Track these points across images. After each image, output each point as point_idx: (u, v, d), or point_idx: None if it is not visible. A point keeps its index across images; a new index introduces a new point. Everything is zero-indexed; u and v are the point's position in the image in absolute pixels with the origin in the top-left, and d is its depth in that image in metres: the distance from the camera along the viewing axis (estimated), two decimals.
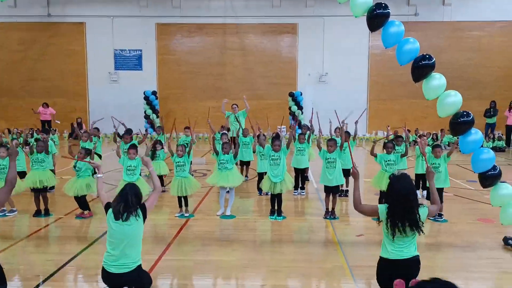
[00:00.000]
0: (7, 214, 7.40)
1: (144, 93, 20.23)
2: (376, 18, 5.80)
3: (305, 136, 8.94)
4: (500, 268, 5.19)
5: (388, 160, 7.46)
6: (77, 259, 5.39)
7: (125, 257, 4.17)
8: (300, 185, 9.03)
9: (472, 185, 9.71)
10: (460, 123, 5.65)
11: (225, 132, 10.23)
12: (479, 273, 5.01)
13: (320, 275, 4.89)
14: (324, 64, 20.70)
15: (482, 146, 5.84)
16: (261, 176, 8.76)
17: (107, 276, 4.22)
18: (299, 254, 5.62)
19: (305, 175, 9.57)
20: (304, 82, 20.89)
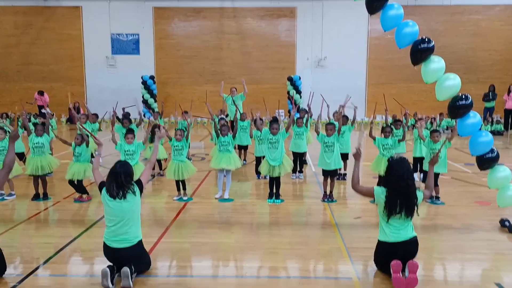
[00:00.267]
0: (5, 198, 7.41)
1: (141, 77, 20.13)
2: (375, 1, 5.74)
3: (303, 120, 8.94)
4: (496, 250, 5.24)
5: (386, 144, 7.48)
6: (76, 242, 5.42)
7: (125, 232, 4.26)
8: (298, 168, 9.04)
9: (469, 168, 9.75)
10: (458, 107, 5.64)
11: (223, 117, 10.22)
12: (475, 254, 5.06)
13: (318, 257, 4.93)
14: (322, 48, 20.59)
15: (481, 129, 5.85)
16: (259, 160, 8.78)
17: (109, 251, 4.29)
18: (296, 236, 5.66)
19: (303, 159, 9.59)
20: (302, 67, 20.81)
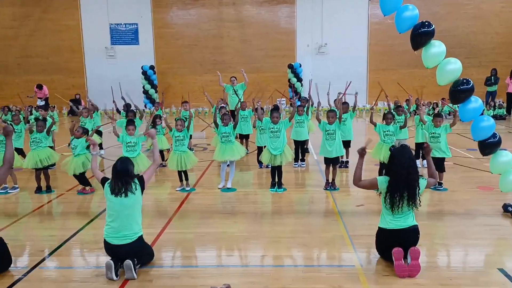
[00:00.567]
0: (9, 191, 7.44)
1: (141, 67, 20.04)
2: None
3: (304, 108, 8.90)
4: (499, 235, 5.25)
5: (387, 131, 7.46)
6: (79, 234, 5.45)
7: (125, 228, 4.27)
8: (300, 157, 9.04)
9: (471, 153, 9.73)
10: (460, 91, 5.61)
11: (223, 106, 10.19)
12: (478, 240, 5.06)
13: (321, 245, 4.94)
14: (323, 34, 20.42)
15: (483, 114, 5.82)
16: (260, 149, 8.77)
17: (110, 247, 4.30)
18: (299, 225, 5.67)
19: (305, 147, 9.57)
20: (303, 54, 20.66)
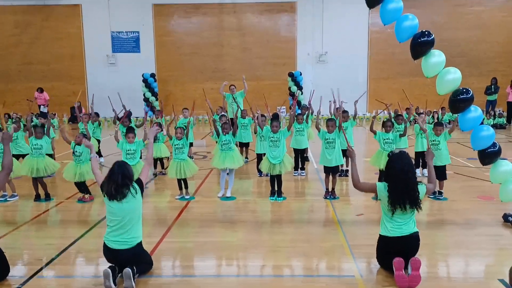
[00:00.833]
0: (8, 199, 7.42)
1: (142, 75, 20.09)
2: None
3: (303, 117, 8.91)
4: (500, 245, 5.22)
5: (387, 139, 7.45)
6: (78, 243, 5.42)
7: (125, 233, 4.27)
8: (300, 165, 9.02)
9: (472, 162, 9.71)
10: (459, 101, 5.60)
11: (224, 114, 10.20)
12: (479, 249, 5.04)
13: (320, 255, 4.92)
14: (323, 43, 20.49)
15: (483, 123, 5.81)
16: (259, 157, 8.77)
17: (109, 252, 4.29)
18: (299, 234, 5.64)
19: (304, 155, 9.56)
20: (303, 62, 20.71)
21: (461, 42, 19.69)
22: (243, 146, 10.19)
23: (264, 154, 7.65)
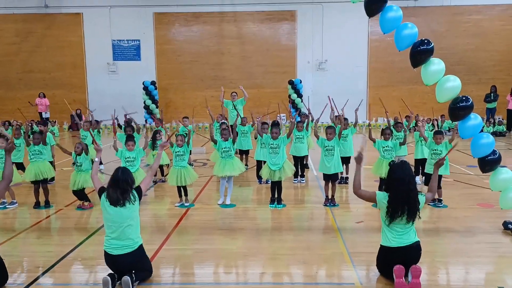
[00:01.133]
0: (7, 207, 7.41)
1: (143, 83, 20.16)
2: (374, 3, 5.75)
3: (303, 124, 8.93)
4: (499, 253, 5.21)
5: (386, 146, 7.44)
6: (77, 250, 5.41)
7: (126, 238, 4.27)
8: (300, 173, 9.03)
9: (472, 170, 9.71)
10: (459, 108, 5.63)
11: (224, 121, 10.22)
12: (479, 257, 5.02)
13: (320, 262, 4.90)
14: (323, 51, 20.59)
15: (482, 131, 5.82)
16: (259, 164, 8.77)
17: (111, 259, 4.28)
18: (299, 241, 5.63)
19: (304, 162, 9.57)
20: (303, 70, 20.80)
21: (460, 50, 19.79)
22: (243, 154, 10.19)
23: (265, 162, 7.66)
